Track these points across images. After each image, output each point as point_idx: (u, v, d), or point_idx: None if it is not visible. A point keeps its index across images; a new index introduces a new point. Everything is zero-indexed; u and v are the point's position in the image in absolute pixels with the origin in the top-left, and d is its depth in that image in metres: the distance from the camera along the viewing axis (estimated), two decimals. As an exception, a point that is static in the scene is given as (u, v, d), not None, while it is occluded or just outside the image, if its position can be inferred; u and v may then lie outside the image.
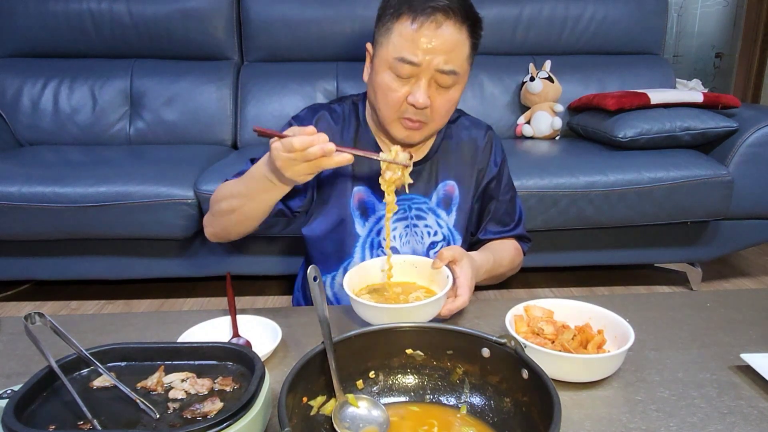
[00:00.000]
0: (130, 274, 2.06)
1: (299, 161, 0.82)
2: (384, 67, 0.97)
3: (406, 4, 0.94)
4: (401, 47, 0.94)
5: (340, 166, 1.00)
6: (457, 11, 0.94)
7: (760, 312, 0.98)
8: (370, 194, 1.08)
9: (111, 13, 2.44)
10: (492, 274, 1.09)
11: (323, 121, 1.09)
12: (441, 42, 0.93)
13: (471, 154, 1.14)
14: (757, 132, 1.94)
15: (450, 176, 1.12)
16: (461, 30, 0.95)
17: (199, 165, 2.02)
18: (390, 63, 0.96)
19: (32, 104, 2.40)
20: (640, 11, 2.57)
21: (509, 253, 1.15)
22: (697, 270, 2.20)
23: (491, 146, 1.16)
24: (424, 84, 0.96)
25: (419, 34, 0.93)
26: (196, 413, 0.61)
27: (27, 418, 0.59)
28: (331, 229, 1.10)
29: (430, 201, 1.10)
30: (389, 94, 0.98)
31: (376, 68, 1.00)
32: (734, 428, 0.68)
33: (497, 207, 1.16)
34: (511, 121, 2.50)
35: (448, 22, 0.93)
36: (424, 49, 0.93)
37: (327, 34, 2.51)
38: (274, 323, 0.88)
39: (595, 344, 0.80)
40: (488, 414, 0.68)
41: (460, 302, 0.90)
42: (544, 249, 2.05)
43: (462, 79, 1.00)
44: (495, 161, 1.15)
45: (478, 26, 0.99)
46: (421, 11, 0.93)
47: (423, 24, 0.92)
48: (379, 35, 0.99)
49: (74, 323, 1.00)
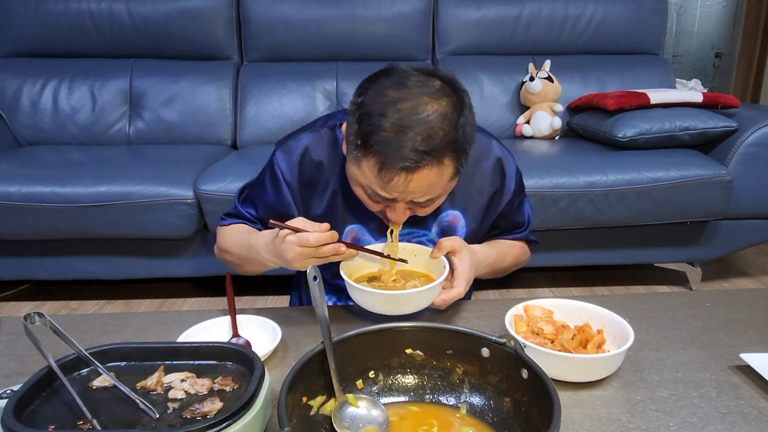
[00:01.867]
0: (129, 274, 2.06)
1: (311, 256, 0.82)
2: (356, 183, 0.89)
3: (372, 146, 0.80)
4: (371, 181, 0.84)
5: (331, 202, 1.00)
6: (431, 158, 0.79)
7: (760, 312, 0.98)
8: (364, 232, 1.02)
9: (110, 12, 2.44)
10: (494, 269, 1.06)
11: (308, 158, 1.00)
12: (415, 186, 0.82)
13: (479, 180, 1.04)
14: (756, 132, 1.94)
15: (453, 206, 1.03)
16: (440, 166, 0.81)
17: (198, 165, 2.02)
18: (361, 185, 0.87)
19: (32, 104, 2.40)
20: (640, 11, 2.58)
21: (513, 250, 1.12)
22: (696, 270, 2.20)
23: (502, 168, 1.04)
24: (401, 207, 0.88)
25: (389, 184, 0.82)
26: (195, 413, 0.61)
27: (27, 418, 0.59)
28: (325, 267, 1.02)
29: (430, 233, 1.04)
30: (366, 205, 0.91)
31: (350, 176, 0.90)
32: (734, 428, 0.68)
33: (508, 222, 1.11)
34: (510, 121, 2.50)
35: (421, 171, 0.80)
36: (396, 191, 0.83)
37: (327, 34, 2.51)
38: (274, 323, 0.88)
39: (594, 344, 0.80)
40: (488, 414, 0.68)
41: (455, 293, 0.88)
42: (544, 249, 2.05)
43: (446, 192, 0.91)
44: (510, 183, 1.05)
45: (464, 148, 0.84)
46: (387, 164, 0.79)
47: (391, 177, 0.80)
48: (348, 148, 0.87)
49: (74, 323, 1.00)
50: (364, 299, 0.87)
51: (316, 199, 1.01)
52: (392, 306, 0.86)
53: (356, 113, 0.83)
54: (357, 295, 0.87)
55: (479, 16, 2.55)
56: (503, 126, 2.49)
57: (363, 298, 0.87)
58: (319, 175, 1.00)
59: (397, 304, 0.85)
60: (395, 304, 0.85)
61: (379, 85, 0.82)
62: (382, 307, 0.86)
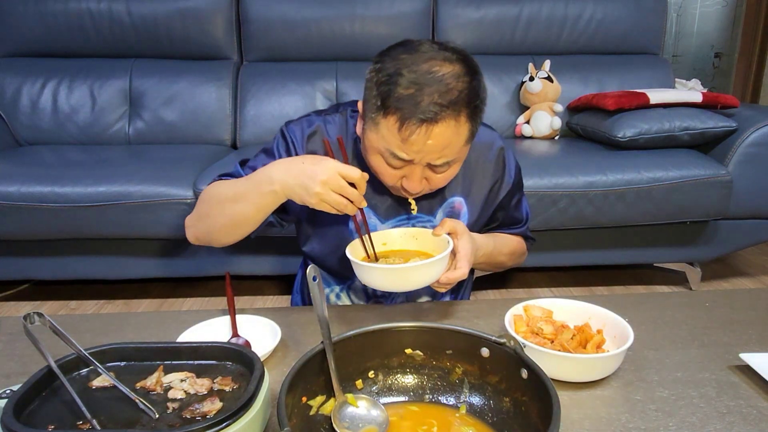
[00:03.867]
0: (129, 274, 2.06)
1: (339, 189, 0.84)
2: (373, 152, 0.92)
3: (393, 103, 0.84)
4: (390, 142, 0.87)
5: None
6: (449, 111, 0.84)
7: (759, 312, 0.98)
8: (371, 215, 1.04)
9: (110, 12, 2.44)
10: (490, 260, 1.07)
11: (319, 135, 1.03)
12: (433, 143, 0.86)
13: (482, 168, 1.07)
14: (756, 132, 1.95)
15: (457, 192, 1.06)
16: (457, 122, 0.86)
17: (198, 165, 2.02)
18: (380, 150, 0.90)
19: (31, 104, 2.40)
20: (639, 11, 2.58)
21: (511, 244, 1.13)
22: (696, 270, 2.20)
23: (503, 159, 1.09)
24: (418, 173, 0.91)
25: (409, 140, 0.85)
26: (195, 413, 0.61)
27: (26, 418, 0.59)
28: (331, 251, 1.07)
29: (435, 219, 1.06)
30: (382, 175, 0.94)
31: (366, 148, 0.93)
32: (733, 428, 0.68)
33: (505, 216, 1.13)
34: (510, 121, 2.50)
35: (439, 125, 0.84)
36: (414, 150, 0.86)
37: (327, 34, 2.51)
38: (274, 323, 0.88)
39: (594, 344, 0.80)
40: (487, 414, 0.68)
41: (459, 273, 0.89)
42: (544, 249, 2.05)
43: (461, 158, 0.94)
44: (509, 174, 1.09)
45: (479, 107, 0.88)
46: (408, 118, 0.83)
47: (412, 132, 0.84)
48: (366, 116, 0.91)
49: (73, 323, 1.00)
50: (369, 276, 0.88)
51: None
52: (396, 281, 0.87)
53: (373, 79, 0.88)
54: (362, 273, 0.88)
55: (479, 16, 2.55)
56: (503, 126, 2.49)
57: (368, 274, 0.88)
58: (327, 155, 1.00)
59: (401, 279, 0.86)
60: (399, 279, 0.86)
61: (395, 52, 0.88)
62: (386, 283, 0.88)
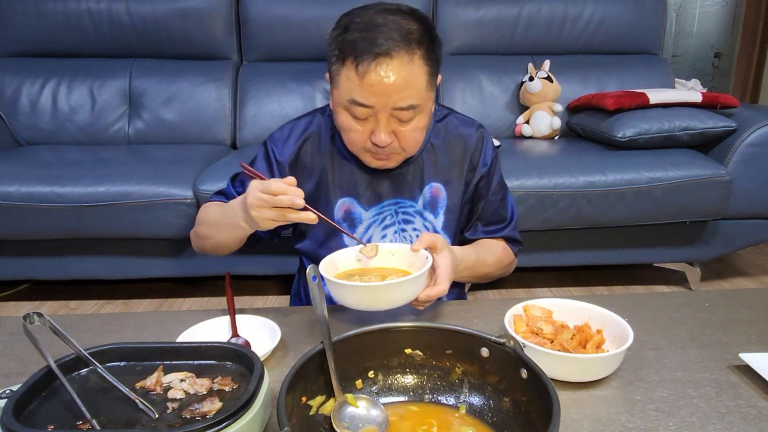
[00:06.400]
0: (128, 274, 2.06)
1: (269, 205, 0.84)
2: (340, 108, 0.95)
3: (347, 47, 0.90)
4: (351, 90, 0.91)
5: (321, 179, 1.06)
6: (402, 45, 0.88)
7: (759, 312, 0.98)
8: (355, 204, 1.07)
9: (110, 12, 2.44)
10: (474, 272, 1.06)
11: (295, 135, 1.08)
12: (391, 82, 0.88)
13: (460, 154, 1.10)
14: (755, 132, 1.95)
15: (437, 178, 1.09)
16: (412, 62, 0.89)
17: (198, 165, 2.02)
18: (344, 104, 0.93)
19: (31, 104, 2.40)
20: (639, 11, 2.58)
21: (495, 253, 1.11)
22: (695, 270, 2.20)
23: (482, 144, 1.11)
24: (383, 122, 0.93)
25: (366, 79, 0.88)
26: (195, 413, 0.61)
27: (26, 418, 0.59)
28: (321, 245, 1.09)
29: (417, 204, 1.08)
30: (350, 134, 0.96)
31: (334, 107, 0.97)
32: (733, 428, 0.68)
33: (486, 206, 1.12)
34: (510, 121, 2.50)
35: (394, 61, 0.88)
36: (374, 92, 0.89)
37: (326, 33, 2.49)
38: (273, 323, 0.88)
39: (594, 344, 0.80)
40: (487, 414, 0.68)
41: (439, 290, 0.86)
42: (544, 249, 2.05)
43: (425, 107, 0.95)
44: (485, 160, 1.10)
45: (433, 50, 0.93)
46: (363, 55, 0.88)
47: (368, 69, 0.88)
48: (332, 77, 0.96)
49: (73, 323, 1.00)
50: (344, 295, 0.83)
51: (305, 177, 1.07)
52: (374, 299, 0.82)
53: (331, 36, 0.94)
54: (337, 291, 0.83)
55: (479, 16, 2.55)
56: (503, 126, 2.49)
57: (343, 293, 0.82)
58: (308, 153, 1.07)
59: (377, 298, 0.81)
60: (375, 298, 0.81)
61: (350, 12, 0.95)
62: (362, 302, 0.82)
